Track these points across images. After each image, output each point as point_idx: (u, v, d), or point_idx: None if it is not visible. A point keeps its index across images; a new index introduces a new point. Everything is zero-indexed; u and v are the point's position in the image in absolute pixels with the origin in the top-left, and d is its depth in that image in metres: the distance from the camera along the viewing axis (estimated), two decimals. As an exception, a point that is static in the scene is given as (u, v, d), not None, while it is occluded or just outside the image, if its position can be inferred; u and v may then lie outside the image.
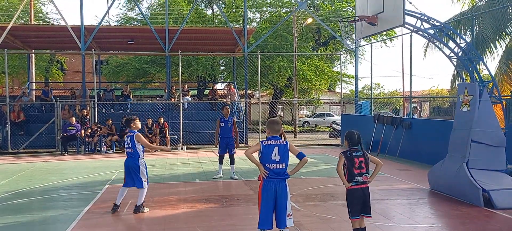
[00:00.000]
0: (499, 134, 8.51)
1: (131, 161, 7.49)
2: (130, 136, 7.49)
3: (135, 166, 7.46)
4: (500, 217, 7.16)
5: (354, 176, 5.13)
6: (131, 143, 7.47)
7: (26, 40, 21.52)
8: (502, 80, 15.01)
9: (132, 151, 7.46)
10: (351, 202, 5.21)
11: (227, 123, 11.00)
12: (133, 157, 7.48)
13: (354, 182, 5.15)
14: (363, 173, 5.14)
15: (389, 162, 13.89)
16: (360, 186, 5.16)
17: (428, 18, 8.56)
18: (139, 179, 7.47)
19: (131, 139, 7.45)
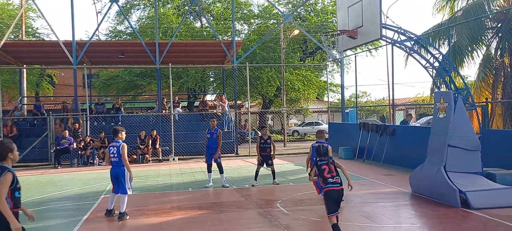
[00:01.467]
0: (474, 138, 9.07)
1: (117, 169, 7.99)
2: (117, 146, 7.93)
3: (121, 172, 7.95)
4: (475, 216, 7.68)
5: (327, 179, 5.97)
6: (117, 153, 7.93)
7: (18, 55, 21.77)
8: (480, 87, 15.71)
9: (118, 160, 7.93)
10: (329, 201, 5.96)
11: (212, 134, 11.47)
12: (118, 165, 7.95)
13: (329, 184, 5.89)
14: (333, 176, 5.98)
15: (374, 167, 14.44)
16: (335, 188, 5.93)
17: (404, 31, 9.14)
18: (123, 186, 7.95)
19: (117, 149, 7.89)
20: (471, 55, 15.69)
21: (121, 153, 7.86)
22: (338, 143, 18.31)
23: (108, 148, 8.17)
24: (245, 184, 11.81)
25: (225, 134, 20.46)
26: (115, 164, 7.99)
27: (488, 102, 12.78)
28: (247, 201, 9.55)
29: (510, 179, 9.03)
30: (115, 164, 7.98)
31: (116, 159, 7.94)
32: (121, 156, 7.87)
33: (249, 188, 11.16)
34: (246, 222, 7.71)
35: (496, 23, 15.98)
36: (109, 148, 8.15)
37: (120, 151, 7.87)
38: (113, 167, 8.07)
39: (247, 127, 26.75)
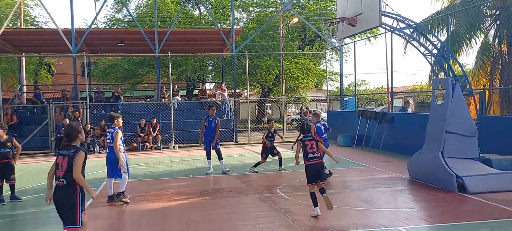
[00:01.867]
0: (471, 124, 9.20)
1: (112, 154, 8.12)
2: (112, 132, 8.11)
3: (115, 158, 8.06)
4: (471, 200, 7.83)
5: (308, 154, 7.03)
6: (112, 138, 8.11)
7: (17, 44, 21.75)
8: (478, 75, 15.82)
9: (113, 146, 8.08)
10: (308, 174, 7.05)
11: (211, 123, 11.56)
12: (113, 150, 8.08)
13: (308, 158, 7.02)
14: (314, 152, 7.04)
15: (372, 154, 14.58)
16: (314, 162, 7.00)
17: (403, 19, 9.20)
18: (118, 171, 8.12)
19: (112, 135, 8.08)
20: (469, 43, 15.77)
21: (114, 138, 8.03)
22: (337, 131, 18.44)
23: (106, 134, 8.37)
24: (245, 170, 11.95)
25: (224, 122, 20.59)
26: (111, 149, 8.16)
27: (485, 90, 12.90)
28: (248, 187, 9.69)
29: (506, 164, 9.17)
30: (111, 149, 8.15)
31: (111, 144, 8.11)
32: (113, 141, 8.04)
33: (249, 175, 11.30)
34: (246, 207, 7.85)
35: (494, 11, 16.04)
36: (106, 134, 8.48)
37: (113, 137, 8.05)
38: (109, 152, 8.27)
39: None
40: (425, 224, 6.50)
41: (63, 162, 4.82)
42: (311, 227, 6.40)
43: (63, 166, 4.80)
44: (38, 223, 7.38)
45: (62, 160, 4.84)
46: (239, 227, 6.56)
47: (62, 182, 4.77)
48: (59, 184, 4.80)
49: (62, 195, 4.79)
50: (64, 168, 4.79)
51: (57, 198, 4.82)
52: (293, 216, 7.05)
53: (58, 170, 4.82)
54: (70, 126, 5.19)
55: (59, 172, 4.81)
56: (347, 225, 6.46)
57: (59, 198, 4.80)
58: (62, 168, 4.79)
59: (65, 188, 4.77)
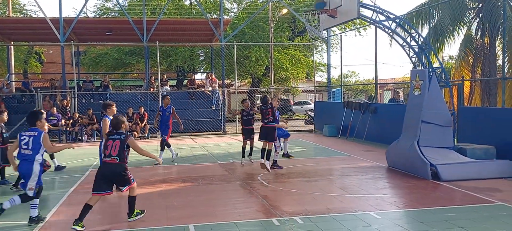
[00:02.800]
0: (446, 115, 9.49)
1: None
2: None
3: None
4: (443, 187, 8.13)
5: (264, 119, 9.96)
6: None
7: (5, 32, 21.71)
8: (460, 66, 16.11)
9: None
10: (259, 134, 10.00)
11: (165, 112, 11.90)
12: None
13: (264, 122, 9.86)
14: (267, 118, 9.95)
15: (356, 144, 14.88)
16: (264, 126, 9.98)
17: (383, 11, 9.43)
18: None
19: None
20: (452, 35, 16.04)
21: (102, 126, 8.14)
22: (324, 121, 18.74)
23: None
24: (229, 159, 12.18)
25: (213, 112, 20.81)
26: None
27: (464, 81, 13.19)
28: (231, 175, 9.93)
29: (480, 153, 9.47)
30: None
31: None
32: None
33: (233, 163, 11.53)
34: (227, 193, 8.09)
35: (477, 3, 16.31)
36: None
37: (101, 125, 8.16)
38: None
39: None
40: (395, 209, 6.77)
41: (114, 144, 6.15)
42: (286, 211, 6.64)
43: (115, 147, 6.13)
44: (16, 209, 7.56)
45: (113, 143, 6.16)
46: (218, 211, 6.79)
47: (115, 159, 6.12)
48: (113, 161, 6.12)
49: (116, 168, 6.15)
50: (117, 148, 6.12)
51: (111, 171, 6.16)
52: (270, 201, 7.30)
53: (108, 150, 6.15)
54: (117, 117, 6.42)
55: (113, 151, 6.13)
56: (321, 210, 6.71)
57: (114, 171, 6.15)
58: (115, 149, 6.12)
59: (118, 163, 6.15)
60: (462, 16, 16.18)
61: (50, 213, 6.85)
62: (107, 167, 6.16)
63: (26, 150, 6.27)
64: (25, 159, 6.28)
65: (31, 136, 6.32)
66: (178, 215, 6.69)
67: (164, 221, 6.36)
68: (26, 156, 6.27)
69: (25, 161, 6.29)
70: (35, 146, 6.26)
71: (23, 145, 6.29)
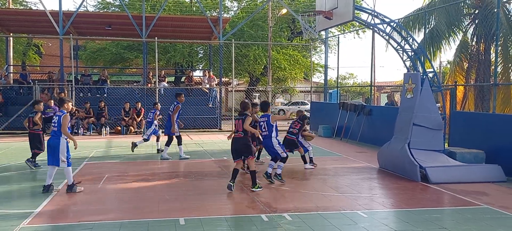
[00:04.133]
0: (437, 118, 9.63)
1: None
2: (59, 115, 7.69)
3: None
4: (431, 189, 8.27)
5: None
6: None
7: (5, 23, 21.76)
8: (455, 71, 16.28)
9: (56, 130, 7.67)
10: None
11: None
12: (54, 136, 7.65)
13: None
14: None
15: (349, 145, 15.02)
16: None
17: (378, 14, 9.56)
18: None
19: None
20: (448, 40, 16.20)
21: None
22: (319, 122, 18.87)
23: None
24: (224, 156, 12.30)
25: (210, 109, 20.92)
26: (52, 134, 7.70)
27: (456, 86, 13.35)
28: (224, 171, 10.05)
29: (469, 157, 9.61)
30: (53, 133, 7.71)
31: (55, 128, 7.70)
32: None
33: (227, 160, 11.65)
34: (219, 189, 8.20)
35: (473, 9, 16.47)
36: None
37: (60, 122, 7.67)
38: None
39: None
40: (383, 209, 6.91)
41: (238, 123, 8.02)
42: (276, 208, 6.78)
43: (240, 125, 7.95)
44: (24, 197, 7.68)
45: (238, 122, 8.03)
46: (208, 206, 6.91)
47: (241, 134, 7.94)
48: (239, 136, 7.99)
49: (242, 142, 7.96)
50: (241, 126, 7.92)
51: (239, 144, 7.98)
52: (261, 198, 7.42)
53: (235, 127, 8.13)
54: (244, 101, 8.31)
55: (239, 128, 7.97)
56: (310, 208, 6.85)
57: (241, 144, 7.96)
58: (240, 126, 7.94)
59: (243, 138, 7.94)
60: (458, 22, 16.34)
61: (44, 203, 6.95)
62: (236, 140, 8.05)
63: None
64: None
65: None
66: (168, 208, 6.82)
67: (155, 213, 6.48)
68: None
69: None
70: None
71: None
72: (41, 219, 6.13)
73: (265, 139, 8.62)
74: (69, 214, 6.55)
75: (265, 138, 8.61)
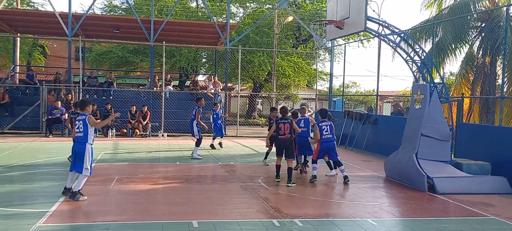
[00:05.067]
0: (445, 129, 9.73)
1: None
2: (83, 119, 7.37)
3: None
4: (438, 199, 8.36)
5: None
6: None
7: (13, 24, 21.93)
8: (461, 83, 16.39)
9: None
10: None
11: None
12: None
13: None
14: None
15: (355, 153, 15.10)
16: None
17: (388, 25, 9.69)
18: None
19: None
20: (454, 52, 16.32)
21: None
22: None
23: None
24: (230, 161, 12.40)
25: (214, 114, 20.97)
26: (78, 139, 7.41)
27: (463, 98, 13.45)
28: (231, 176, 10.14)
29: (475, 169, 9.70)
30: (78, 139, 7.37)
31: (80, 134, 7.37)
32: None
33: (234, 164, 11.75)
34: (228, 193, 8.30)
35: (480, 22, 16.60)
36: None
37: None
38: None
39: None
40: (391, 218, 6.99)
41: (285, 126, 9.02)
42: (286, 214, 6.86)
43: (286, 128, 9.02)
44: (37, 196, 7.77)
45: (284, 126, 9.02)
46: (219, 210, 7.00)
47: (287, 136, 9.00)
48: (286, 137, 9.03)
49: (288, 142, 9.09)
50: (287, 129, 9.00)
51: (284, 144, 9.11)
52: (271, 203, 7.51)
53: (282, 130, 9.06)
54: (283, 107, 9.29)
55: (285, 131, 9.04)
56: (320, 214, 6.94)
57: (288, 145, 9.08)
58: (287, 129, 9.03)
59: (289, 139, 9.06)
60: (465, 34, 16.47)
61: (57, 203, 7.04)
62: (284, 141, 9.10)
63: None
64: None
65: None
66: (180, 210, 6.90)
67: (168, 215, 6.58)
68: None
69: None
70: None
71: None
72: (57, 219, 6.22)
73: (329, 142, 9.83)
74: (83, 214, 6.63)
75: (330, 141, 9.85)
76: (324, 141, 9.70)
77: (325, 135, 9.66)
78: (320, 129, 9.69)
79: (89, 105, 7.74)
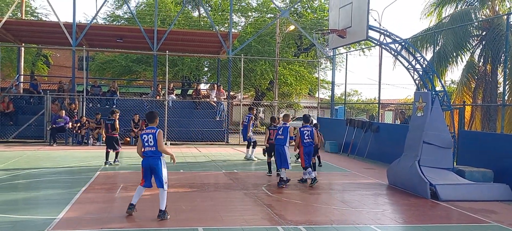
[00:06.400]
0: (447, 137, 9.81)
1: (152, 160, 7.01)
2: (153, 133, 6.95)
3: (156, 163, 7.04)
4: (441, 206, 8.42)
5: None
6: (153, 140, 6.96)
7: (17, 34, 22.15)
8: (462, 91, 16.49)
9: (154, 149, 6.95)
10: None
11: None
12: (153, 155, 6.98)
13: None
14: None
15: (357, 161, 15.17)
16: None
17: (390, 34, 9.81)
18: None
19: (154, 136, 6.93)
20: (456, 60, 16.44)
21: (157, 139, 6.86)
22: (326, 137, 18.99)
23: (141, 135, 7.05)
24: (234, 169, 12.48)
25: (217, 122, 21.14)
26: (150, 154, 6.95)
27: (465, 105, 13.54)
28: (235, 183, 10.22)
29: (478, 176, 9.76)
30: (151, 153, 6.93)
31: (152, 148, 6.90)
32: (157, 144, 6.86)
33: (237, 172, 11.83)
34: (233, 201, 8.38)
35: (481, 31, 16.74)
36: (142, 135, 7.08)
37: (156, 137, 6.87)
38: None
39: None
40: (394, 224, 7.06)
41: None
42: (291, 220, 6.93)
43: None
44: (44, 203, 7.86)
45: (273, 132, 10.29)
46: (224, 217, 7.07)
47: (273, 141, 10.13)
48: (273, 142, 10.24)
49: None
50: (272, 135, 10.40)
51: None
52: (274, 210, 7.59)
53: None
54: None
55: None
56: (324, 221, 7.01)
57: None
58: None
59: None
60: (466, 42, 16.60)
61: (65, 210, 7.12)
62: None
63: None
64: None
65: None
66: (186, 217, 6.99)
67: (174, 222, 6.66)
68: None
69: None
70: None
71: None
72: (65, 226, 6.30)
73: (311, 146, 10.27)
74: (90, 221, 6.71)
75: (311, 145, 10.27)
76: (306, 145, 10.09)
77: (306, 140, 10.05)
78: (302, 134, 10.08)
79: (157, 118, 7.24)
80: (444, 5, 18.13)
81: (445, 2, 18.01)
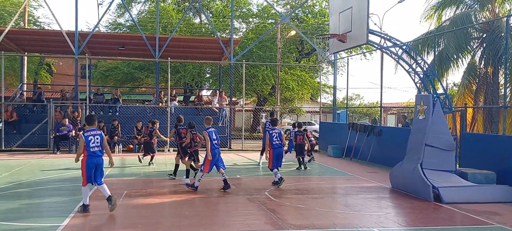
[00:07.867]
0: (449, 139, 9.83)
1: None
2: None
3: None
4: (444, 209, 8.43)
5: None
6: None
7: (20, 43, 22.30)
8: (464, 94, 16.50)
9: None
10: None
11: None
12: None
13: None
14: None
15: (360, 165, 15.17)
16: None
17: (390, 38, 9.86)
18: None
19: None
20: (457, 63, 16.47)
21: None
22: (328, 142, 19.06)
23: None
24: (236, 174, 12.51)
25: (219, 128, 21.16)
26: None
27: (466, 108, 13.56)
28: (238, 188, 10.25)
29: (480, 178, 9.77)
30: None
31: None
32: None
33: (240, 178, 11.87)
34: (236, 206, 8.41)
35: (481, 33, 16.77)
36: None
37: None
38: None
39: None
40: (398, 227, 7.07)
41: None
42: (294, 224, 6.96)
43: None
44: (47, 211, 7.91)
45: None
46: (228, 222, 7.11)
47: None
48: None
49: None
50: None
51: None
52: (278, 215, 7.61)
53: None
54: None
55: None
56: (327, 225, 7.03)
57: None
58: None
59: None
60: (467, 45, 16.63)
61: (68, 218, 7.17)
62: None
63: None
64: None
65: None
66: (190, 223, 7.02)
67: (178, 228, 6.69)
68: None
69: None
70: None
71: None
72: (69, 232, 6.35)
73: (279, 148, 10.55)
74: (94, 228, 6.76)
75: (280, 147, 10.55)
76: (275, 147, 10.43)
77: (275, 141, 10.39)
78: (271, 136, 10.37)
79: (97, 120, 8.35)
80: (444, 8, 18.20)
81: (445, 5, 18.08)
